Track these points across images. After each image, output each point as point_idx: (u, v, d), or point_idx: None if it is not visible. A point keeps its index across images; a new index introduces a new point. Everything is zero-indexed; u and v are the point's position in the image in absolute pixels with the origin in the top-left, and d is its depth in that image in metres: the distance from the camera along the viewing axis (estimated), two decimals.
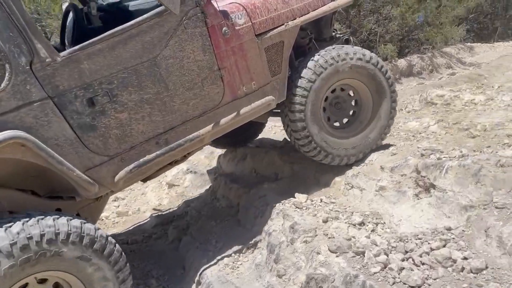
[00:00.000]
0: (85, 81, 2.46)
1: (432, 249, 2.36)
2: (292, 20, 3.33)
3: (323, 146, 3.56)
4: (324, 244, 2.80)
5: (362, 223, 3.27)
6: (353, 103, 3.82)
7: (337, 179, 4.19)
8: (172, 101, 2.79)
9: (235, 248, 3.76)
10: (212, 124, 2.99)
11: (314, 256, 2.72)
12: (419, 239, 2.58)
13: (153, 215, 4.90)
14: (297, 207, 3.63)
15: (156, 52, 2.68)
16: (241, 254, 3.71)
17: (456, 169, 3.07)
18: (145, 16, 2.64)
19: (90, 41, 2.48)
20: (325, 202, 3.71)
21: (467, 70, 10.06)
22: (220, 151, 5.43)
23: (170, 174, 5.37)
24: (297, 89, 3.32)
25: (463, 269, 2.17)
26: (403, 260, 2.40)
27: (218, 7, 2.96)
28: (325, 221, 3.31)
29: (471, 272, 2.13)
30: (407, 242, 2.58)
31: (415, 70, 9.91)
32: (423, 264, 2.31)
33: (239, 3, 3.17)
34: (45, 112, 2.37)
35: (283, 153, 4.94)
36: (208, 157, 5.54)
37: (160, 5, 2.65)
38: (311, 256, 2.76)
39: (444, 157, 3.38)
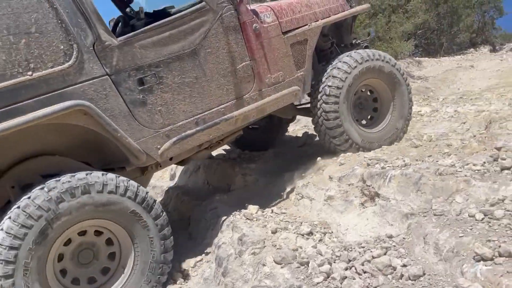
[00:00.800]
0: (137, 63, 2.89)
1: (373, 257, 2.40)
2: (314, 22, 3.81)
3: (358, 141, 3.96)
4: (270, 255, 2.78)
5: (310, 233, 3.29)
6: (372, 100, 4.20)
7: (288, 189, 4.23)
8: (209, 85, 3.21)
9: (185, 262, 3.68)
10: (244, 108, 3.39)
11: (260, 268, 2.70)
12: (362, 247, 2.62)
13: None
14: (247, 219, 3.60)
15: (196, 42, 3.14)
16: (190, 269, 3.63)
17: (398, 178, 3.16)
18: (188, 10, 3.12)
19: (142, 29, 2.95)
20: (275, 213, 3.72)
21: (415, 83, 10.48)
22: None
23: None
24: (330, 88, 3.74)
25: (402, 276, 2.22)
26: (346, 269, 2.42)
27: (250, 7, 3.45)
28: (274, 232, 3.30)
29: (409, 279, 2.18)
30: (350, 251, 2.62)
31: None
32: (364, 272, 2.34)
33: (267, 5, 3.69)
34: (104, 87, 2.77)
35: (236, 164, 4.93)
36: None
37: (201, 1, 3.16)
38: (257, 268, 2.74)
39: (388, 166, 3.48)
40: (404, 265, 2.29)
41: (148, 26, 2.99)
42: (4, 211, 2.63)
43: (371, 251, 2.49)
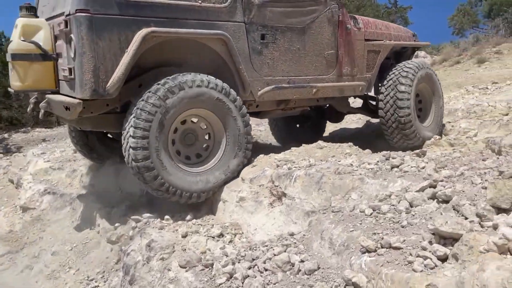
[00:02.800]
0: (264, 22, 3.83)
1: (274, 255, 2.48)
2: (388, 40, 4.89)
3: (420, 131, 4.76)
4: (176, 260, 2.77)
5: (221, 235, 3.32)
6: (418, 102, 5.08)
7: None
8: (304, 58, 4.15)
9: (94, 272, 3.53)
10: (323, 84, 4.29)
11: (166, 273, 2.68)
12: (266, 246, 2.71)
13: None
14: (159, 224, 3.56)
15: (306, 22, 4.10)
16: (98, 279, 3.50)
17: (303, 177, 3.30)
18: None
19: None
20: (188, 217, 3.70)
21: None
22: (83, 169, 5.10)
23: (24, 196, 4.86)
24: (403, 87, 4.58)
25: (299, 271, 2.33)
26: (249, 268, 2.48)
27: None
28: (184, 236, 3.29)
29: (305, 273, 2.29)
30: (255, 250, 2.69)
31: None
32: (266, 270, 2.42)
33: (359, 16, 4.77)
34: (240, 30, 3.69)
35: None
36: (69, 175, 5.15)
37: None
38: (163, 274, 2.71)
39: (295, 167, 3.62)
40: (302, 261, 2.40)
41: None
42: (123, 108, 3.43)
43: (273, 249, 2.58)
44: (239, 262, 2.56)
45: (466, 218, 2.03)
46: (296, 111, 4.56)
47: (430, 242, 2.00)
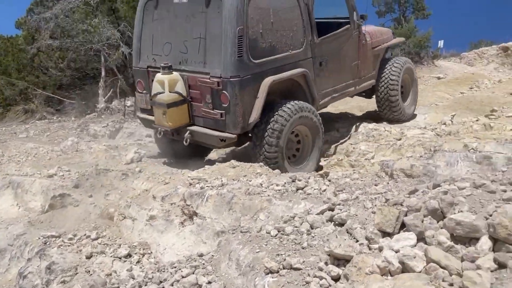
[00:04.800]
0: (321, 53, 5.22)
1: (182, 277, 2.52)
2: (383, 44, 6.57)
3: (403, 107, 6.75)
4: (79, 283, 2.67)
5: (128, 255, 3.26)
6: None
7: (111, 209, 4.11)
8: (342, 72, 5.69)
9: None
10: (353, 87, 6.06)
11: None
12: (175, 267, 2.73)
13: None
14: (61, 244, 3.39)
15: (341, 46, 5.59)
16: None
17: (214, 197, 3.38)
18: (342, 28, 5.61)
19: (327, 35, 5.35)
20: (94, 236, 3.57)
21: None
22: None
23: None
24: (393, 77, 6.50)
25: None
26: None
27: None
28: (89, 257, 3.18)
29: None
30: (163, 271, 2.70)
31: None
32: None
33: (367, 30, 6.19)
34: (310, 64, 5.07)
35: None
36: None
37: (348, 23, 5.77)
38: None
39: (207, 186, 3.69)
40: (209, 282, 2.47)
41: (328, 35, 5.37)
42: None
43: (181, 271, 2.61)
44: (146, 285, 2.55)
45: (357, 241, 2.26)
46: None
47: (326, 263, 2.19)
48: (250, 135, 4.75)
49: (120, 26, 8.83)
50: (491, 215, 2.13)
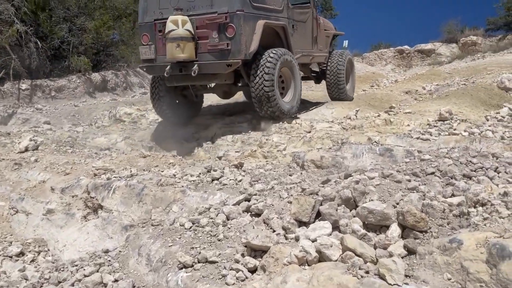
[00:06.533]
0: (293, 18, 6.58)
1: (85, 276, 2.29)
2: (330, 30, 8.07)
3: (346, 88, 8.13)
4: None
5: (21, 254, 2.90)
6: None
7: (1, 203, 3.64)
8: (306, 39, 7.06)
9: None
10: (312, 55, 7.28)
11: None
12: (76, 266, 2.47)
13: None
14: None
15: (305, 19, 6.97)
16: None
17: (123, 189, 3.15)
18: (305, 4, 7.11)
19: (297, 4, 6.83)
20: None
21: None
22: None
23: None
24: (341, 64, 7.78)
25: None
26: None
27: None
28: None
29: None
30: (62, 271, 2.43)
31: (110, 85, 9.97)
32: None
33: (319, 17, 7.72)
34: (287, 22, 6.39)
35: None
36: None
37: (308, 3, 7.23)
38: None
39: (115, 177, 3.43)
40: (116, 280, 2.27)
41: (297, 4, 6.78)
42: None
43: (84, 269, 2.37)
44: (41, 287, 2.26)
45: (274, 231, 2.24)
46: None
47: (243, 255, 2.13)
48: (245, 80, 5.94)
49: (14, 1, 7.89)
50: (398, 203, 2.24)
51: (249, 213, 2.54)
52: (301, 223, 2.23)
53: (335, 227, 2.12)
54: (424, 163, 2.91)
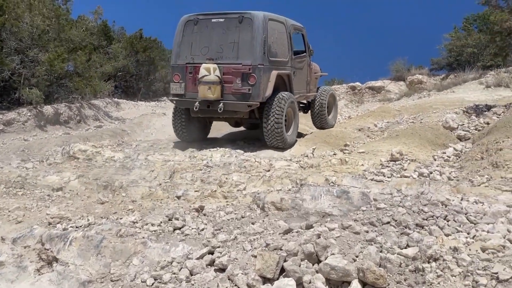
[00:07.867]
0: (294, 66, 7.74)
1: None
2: (318, 73, 9.07)
3: (328, 119, 9.33)
4: None
5: None
6: None
7: None
8: (301, 82, 8.09)
9: None
10: (305, 95, 8.32)
11: None
12: None
13: None
14: None
15: (301, 67, 8.08)
16: None
17: (80, 240, 3.04)
18: (302, 55, 8.19)
19: (296, 56, 7.86)
20: None
21: (113, 124, 10.68)
22: None
23: None
24: (323, 100, 8.87)
25: None
26: None
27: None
28: None
29: None
30: None
31: (62, 118, 9.67)
32: None
33: (313, 63, 8.93)
34: (290, 70, 7.59)
35: None
36: None
37: (305, 51, 8.42)
38: None
39: (71, 226, 3.32)
40: None
41: (296, 56, 7.76)
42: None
43: None
44: None
45: None
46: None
47: None
48: (257, 117, 7.12)
49: None
50: (357, 256, 2.34)
51: (213, 268, 2.54)
52: (266, 280, 2.27)
53: (299, 283, 2.17)
54: (380, 212, 3.06)
